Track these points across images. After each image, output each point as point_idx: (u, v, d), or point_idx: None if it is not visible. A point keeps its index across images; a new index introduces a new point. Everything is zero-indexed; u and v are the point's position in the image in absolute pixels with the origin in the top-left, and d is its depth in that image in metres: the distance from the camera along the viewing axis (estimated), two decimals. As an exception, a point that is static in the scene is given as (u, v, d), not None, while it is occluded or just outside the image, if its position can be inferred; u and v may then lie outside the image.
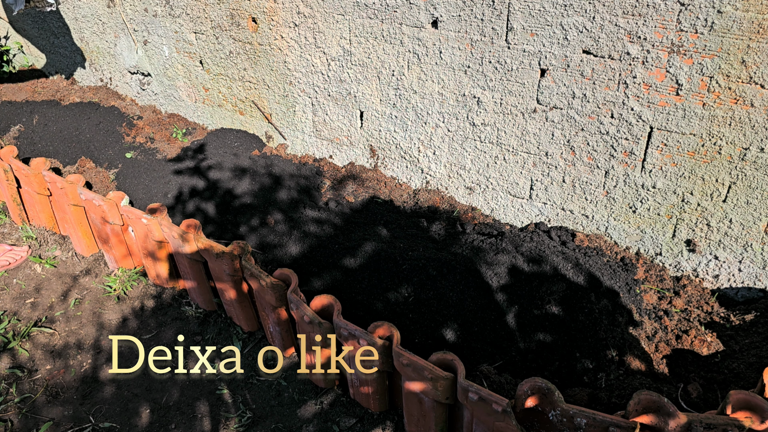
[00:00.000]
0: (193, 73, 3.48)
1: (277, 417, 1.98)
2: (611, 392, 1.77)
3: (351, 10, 2.57)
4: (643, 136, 2.12)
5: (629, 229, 2.34)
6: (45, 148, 3.44)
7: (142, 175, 3.06)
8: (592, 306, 2.00)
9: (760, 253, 2.11)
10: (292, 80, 3.02)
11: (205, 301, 2.39)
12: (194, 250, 2.19)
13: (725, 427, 1.31)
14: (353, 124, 2.94)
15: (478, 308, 1.99)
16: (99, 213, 2.45)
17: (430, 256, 2.20)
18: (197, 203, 2.79)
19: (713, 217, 2.13)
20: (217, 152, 3.15)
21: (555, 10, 2.05)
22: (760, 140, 1.91)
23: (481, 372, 1.76)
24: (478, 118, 2.47)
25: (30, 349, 2.30)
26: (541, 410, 1.44)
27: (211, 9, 3.08)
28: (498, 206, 2.66)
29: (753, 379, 1.74)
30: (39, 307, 2.51)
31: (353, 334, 1.73)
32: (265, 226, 2.58)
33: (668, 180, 2.15)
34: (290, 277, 1.95)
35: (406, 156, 2.84)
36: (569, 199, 2.43)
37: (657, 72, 1.97)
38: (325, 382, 2.02)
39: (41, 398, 2.09)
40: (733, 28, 1.78)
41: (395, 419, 1.92)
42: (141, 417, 2.02)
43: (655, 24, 1.90)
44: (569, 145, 2.30)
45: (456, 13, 2.28)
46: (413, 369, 1.61)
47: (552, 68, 2.17)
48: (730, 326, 2.02)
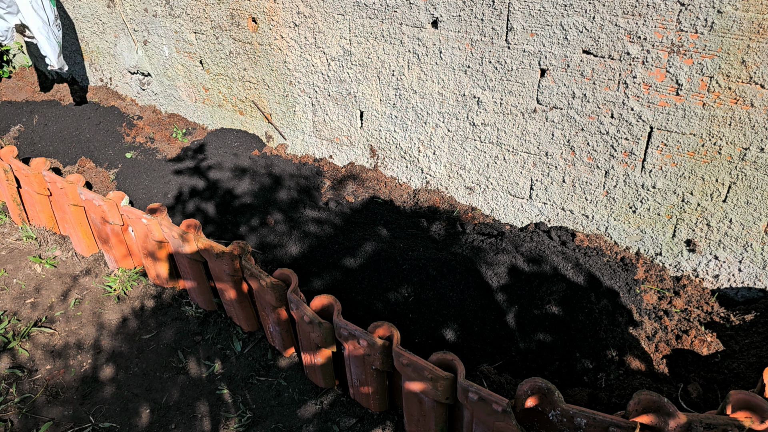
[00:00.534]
0: (193, 73, 3.48)
1: (277, 417, 1.98)
2: (611, 392, 1.77)
3: (351, 10, 2.57)
4: (643, 136, 2.12)
5: (629, 229, 2.34)
6: (45, 148, 3.44)
7: (142, 175, 3.06)
8: (592, 306, 2.00)
9: (760, 253, 2.11)
10: (292, 80, 3.02)
11: (205, 301, 2.39)
12: (194, 250, 2.19)
13: (725, 427, 1.31)
14: (353, 124, 2.94)
15: (478, 308, 1.99)
16: (99, 213, 2.45)
17: (430, 256, 2.20)
18: (197, 203, 2.79)
19: (713, 217, 2.13)
20: (217, 152, 3.15)
21: (555, 10, 2.05)
22: (760, 140, 1.91)
23: (481, 372, 1.76)
24: (478, 118, 2.47)
25: (30, 349, 2.30)
26: (541, 410, 1.44)
27: (211, 9, 3.08)
28: (498, 206, 2.66)
29: (753, 379, 1.74)
30: (39, 307, 2.51)
31: (353, 334, 1.73)
32: (265, 226, 2.58)
33: (668, 180, 2.15)
34: (290, 277, 1.95)
35: (406, 156, 2.84)
36: (569, 199, 2.43)
37: (657, 72, 1.97)
38: (324, 382, 2.02)
39: (41, 398, 2.09)
40: (733, 28, 1.78)
41: (395, 419, 1.92)
42: (141, 417, 2.02)
43: (655, 24, 1.90)
44: (569, 145, 2.30)
45: (456, 13, 2.28)
46: (413, 369, 1.61)
47: (552, 68, 2.17)
48: (730, 326, 2.02)
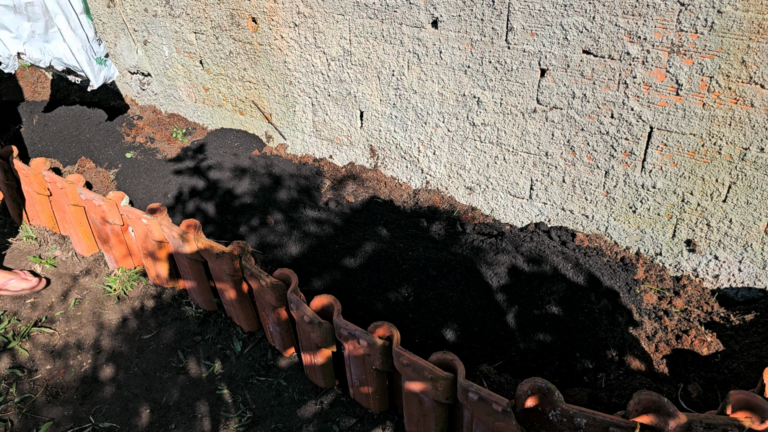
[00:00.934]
0: (193, 73, 3.48)
1: (277, 417, 1.98)
2: (611, 392, 1.77)
3: (351, 10, 2.57)
4: (643, 136, 2.12)
5: (629, 229, 2.34)
6: (45, 148, 3.44)
7: (142, 175, 3.06)
8: (592, 306, 2.00)
9: (760, 253, 2.11)
10: (292, 80, 3.02)
11: (205, 301, 2.39)
12: (194, 250, 2.19)
13: (725, 427, 1.31)
14: (353, 124, 2.94)
15: (478, 308, 1.99)
16: (99, 213, 2.45)
17: (430, 256, 2.20)
18: (197, 203, 2.79)
19: (713, 217, 2.13)
20: (217, 152, 3.15)
21: (555, 10, 2.05)
22: (760, 140, 1.91)
23: (481, 372, 1.76)
24: (478, 118, 2.47)
25: (30, 349, 2.30)
26: (541, 410, 1.44)
27: (211, 9, 3.08)
28: (498, 206, 2.66)
29: (753, 379, 1.74)
30: (39, 307, 2.51)
31: (353, 334, 1.73)
32: (265, 226, 2.58)
33: (668, 180, 2.15)
34: (290, 277, 1.95)
35: (406, 156, 2.84)
36: (569, 199, 2.43)
37: (657, 72, 1.97)
38: (324, 382, 2.02)
39: (41, 398, 2.09)
40: (733, 28, 1.78)
41: (395, 419, 1.92)
42: (141, 417, 2.02)
43: (655, 24, 1.90)
44: (569, 145, 2.30)
45: (456, 13, 2.28)
46: (413, 369, 1.61)
47: (552, 68, 2.17)
48: (730, 326, 2.02)
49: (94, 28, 2.84)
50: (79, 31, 2.72)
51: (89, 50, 2.82)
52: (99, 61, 2.89)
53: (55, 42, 2.72)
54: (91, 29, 2.81)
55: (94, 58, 2.86)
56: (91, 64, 2.85)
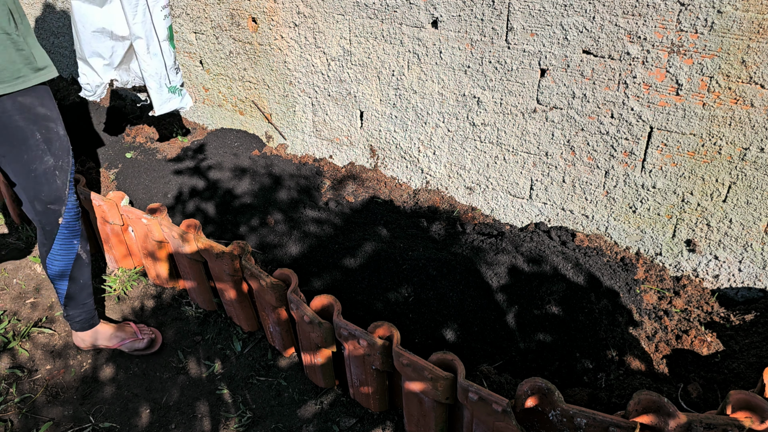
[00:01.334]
0: (193, 73, 3.48)
1: (277, 417, 1.98)
2: (611, 392, 1.77)
3: (351, 10, 2.57)
4: (643, 136, 2.12)
5: (629, 229, 2.34)
6: (45, 148, 3.44)
7: (142, 175, 3.06)
8: (592, 306, 2.00)
9: (760, 253, 2.11)
10: (292, 80, 3.02)
11: (205, 301, 2.40)
12: (194, 250, 2.19)
13: (725, 427, 1.31)
14: (353, 124, 2.94)
15: (478, 308, 1.99)
16: (99, 213, 2.45)
17: (430, 256, 2.20)
18: (197, 203, 2.79)
19: (713, 217, 2.13)
20: (217, 152, 3.16)
21: (555, 10, 2.05)
22: (760, 140, 1.91)
23: (481, 372, 1.76)
24: (478, 118, 2.47)
25: (30, 349, 2.30)
26: (541, 410, 1.44)
27: (211, 9, 3.08)
28: (498, 206, 2.66)
29: (753, 379, 1.74)
30: (39, 307, 2.51)
31: (353, 334, 1.73)
32: (265, 226, 2.58)
33: (668, 180, 2.15)
34: (290, 277, 1.95)
35: (406, 156, 2.84)
36: (569, 199, 2.43)
37: (657, 72, 1.97)
38: (324, 382, 2.02)
39: (41, 398, 2.09)
40: (733, 28, 1.78)
41: (395, 419, 1.92)
42: (141, 417, 2.02)
43: (655, 24, 1.90)
44: (569, 145, 2.30)
45: (456, 13, 2.28)
46: (413, 369, 1.61)
47: (552, 68, 2.17)
48: (730, 326, 2.02)
49: (174, 56, 2.74)
50: (157, 58, 2.64)
51: (163, 78, 2.72)
52: (172, 90, 2.78)
53: (135, 63, 2.70)
54: (171, 57, 2.71)
55: (168, 87, 2.76)
56: (160, 91, 2.75)
